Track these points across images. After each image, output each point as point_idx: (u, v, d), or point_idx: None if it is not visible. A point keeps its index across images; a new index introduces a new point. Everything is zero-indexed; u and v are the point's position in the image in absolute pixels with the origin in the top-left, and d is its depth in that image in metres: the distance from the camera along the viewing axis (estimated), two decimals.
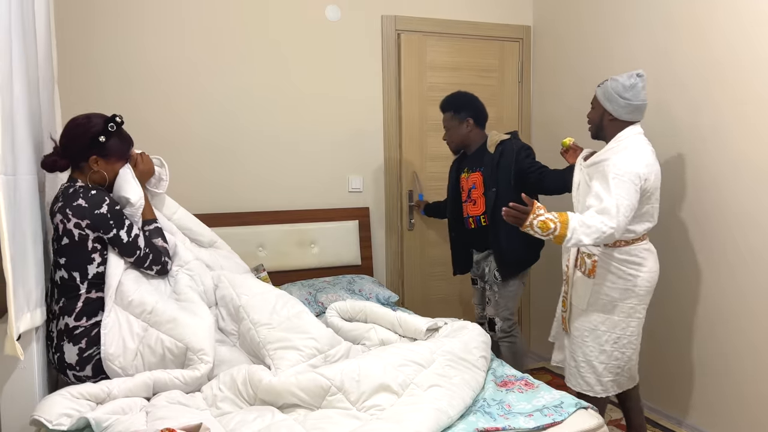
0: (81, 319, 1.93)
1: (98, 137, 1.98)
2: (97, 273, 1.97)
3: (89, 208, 1.91)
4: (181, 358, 1.92)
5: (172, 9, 3.07)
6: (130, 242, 1.99)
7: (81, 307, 1.93)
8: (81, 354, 1.90)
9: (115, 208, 1.97)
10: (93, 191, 1.96)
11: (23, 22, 1.71)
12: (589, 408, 1.78)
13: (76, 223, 1.91)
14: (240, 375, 1.82)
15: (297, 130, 3.36)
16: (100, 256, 1.98)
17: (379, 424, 1.58)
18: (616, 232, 2.14)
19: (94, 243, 1.96)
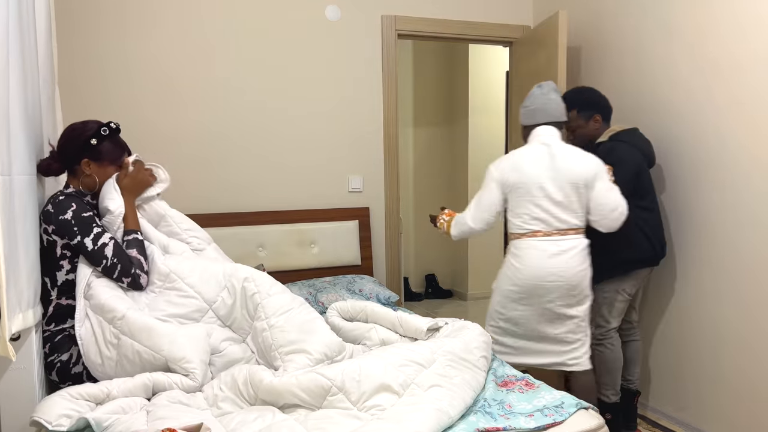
0: (50, 324, 1.95)
1: (90, 140, 2.01)
2: (66, 280, 1.96)
3: (54, 214, 1.92)
4: (163, 368, 1.88)
5: (172, 9, 3.07)
6: (96, 250, 1.94)
7: (51, 312, 1.95)
8: (45, 359, 1.91)
9: (82, 215, 1.94)
10: (62, 197, 1.95)
11: (21, 22, 1.71)
12: (590, 408, 1.78)
13: (45, 229, 1.93)
14: (241, 375, 1.82)
15: (297, 130, 3.36)
16: (69, 263, 1.97)
17: (379, 424, 1.58)
18: (470, 222, 2.54)
19: (63, 250, 1.95)
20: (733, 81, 2.53)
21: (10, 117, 1.61)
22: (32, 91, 1.84)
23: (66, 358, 1.92)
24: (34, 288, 1.80)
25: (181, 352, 1.86)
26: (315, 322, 2.08)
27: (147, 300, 2.05)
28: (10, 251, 1.60)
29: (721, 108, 2.58)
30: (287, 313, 2.04)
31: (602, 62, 3.28)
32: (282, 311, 2.04)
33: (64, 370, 1.91)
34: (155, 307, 2.02)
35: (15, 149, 1.65)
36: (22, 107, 1.70)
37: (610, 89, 3.22)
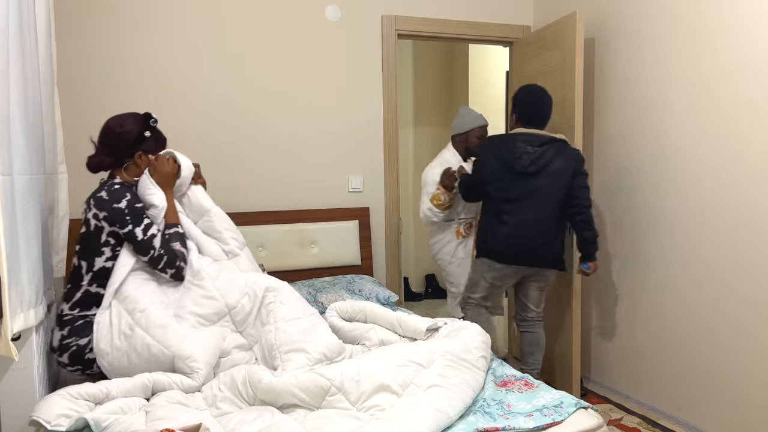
0: (75, 309, 1.99)
1: (144, 133, 2.11)
2: (103, 267, 2.01)
3: (108, 201, 1.97)
4: (168, 363, 1.90)
5: (171, 9, 3.07)
6: (145, 240, 2.01)
7: (79, 297, 1.99)
8: (62, 341, 1.96)
9: (135, 205, 2.01)
10: (117, 186, 2.02)
11: (21, 22, 1.71)
12: (589, 408, 1.78)
13: (95, 214, 1.98)
14: (240, 375, 1.82)
15: (297, 130, 3.36)
16: (111, 251, 2.02)
17: (379, 424, 1.58)
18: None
19: (108, 237, 2.00)
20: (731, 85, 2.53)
21: (10, 117, 1.61)
22: (33, 91, 1.84)
23: (84, 343, 1.95)
24: (35, 288, 1.80)
25: (189, 351, 1.89)
26: (318, 327, 2.10)
27: (176, 295, 2.09)
28: (12, 251, 1.60)
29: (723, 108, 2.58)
30: (295, 321, 2.07)
31: (603, 60, 3.28)
32: (291, 318, 2.07)
33: (79, 354, 1.95)
34: (181, 304, 2.06)
35: (16, 149, 1.65)
36: (22, 108, 1.71)
37: (609, 86, 3.22)
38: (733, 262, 2.56)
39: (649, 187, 2.99)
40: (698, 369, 2.76)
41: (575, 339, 3.17)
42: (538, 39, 3.48)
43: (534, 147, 2.74)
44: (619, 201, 3.20)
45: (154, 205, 2.10)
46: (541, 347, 3.03)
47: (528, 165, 2.73)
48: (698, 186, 2.71)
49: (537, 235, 2.77)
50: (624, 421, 2.94)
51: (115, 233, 2.00)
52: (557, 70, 3.24)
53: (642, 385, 3.11)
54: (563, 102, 3.18)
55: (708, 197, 2.66)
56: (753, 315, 2.49)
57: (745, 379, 2.54)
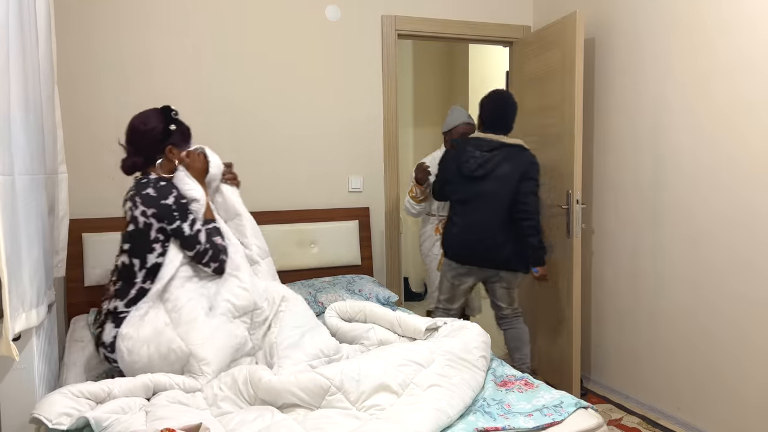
0: (130, 306, 2.00)
1: (169, 127, 2.11)
2: (155, 263, 2.03)
3: (157, 198, 1.99)
4: (183, 360, 1.93)
5: (172, 8, 3.07)
6: (192, 235, 2.04)
7: (134, 295, 2.01)
8: (117, 337, 1.96)
9: (181, 201, 2.04)
10: (162, 183, 2.04)
11: (22, 22, 1.71)
12: (589, 408, 1.78)
13: (143, 211, 1.98)
14: (241, 375, 1.82)
15: (297, 129, 3.36)
16: (161, 247, 2.03)
17: (378, 423, 1.58)
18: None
19: (157, 233, 2.02)
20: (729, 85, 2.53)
21: (11, 117, 1.61)
22: (33, 90, 1.84)
23: None
24: (37, 288, 1.80)
25: (205, 354, 1.92)
26: (317, 329, 2.13)
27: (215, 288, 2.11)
28: (13, 251, 1.60)
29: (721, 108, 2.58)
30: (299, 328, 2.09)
31: (603, 60, 3.28)
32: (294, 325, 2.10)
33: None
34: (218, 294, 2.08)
35: (17, 149, 1.65)
36: (23, 107, 1.70)
37: (609, 86, 3.22)
38: (731, 262, 2.57)
39: (649, 187, 2.99)
40: (698, 369, 2.76)
41: (575, 339, 3.18)
42: (538, 39, 3.48)
43: (482, 152, 2.83)
44: (619, 200, 3.20)
45: (195, 199, 2.12)
46: (525, 341, 3.05)
47: (474, 169, 2.82)
48: (696, 186, 2.71)
49: (484, 237, 2.84)
50: (624, 421, 2.95)
51: (163, 229, 2.02)
52: (557, 70, 3.24)
53: (642, 385, 3.11)
54: (563, 102, 3.18)
55: (707, 197, 2.66)
56: (751, 315, 2.49)
57: (744, 379, 2.54)
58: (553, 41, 3.28)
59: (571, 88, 3.10)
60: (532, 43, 3.55)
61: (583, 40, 3.08)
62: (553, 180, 3.31)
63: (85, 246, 2.87)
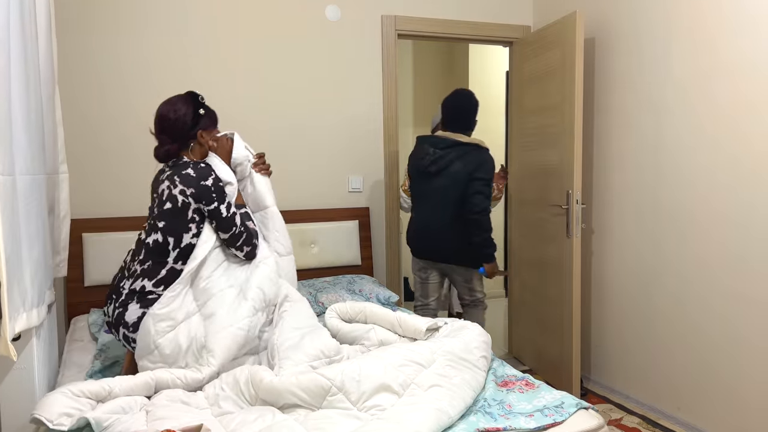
0: (159, 287, 1.99)
1: (198, 111, 2.12)
2: (189, 244, 2.03)
3: (196, 178, 2.01)
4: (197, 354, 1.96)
5: (171, 8, 3.07)
6: (228, 217, 2.05)
7: (164, 275, 2.00)
8: (142, 317, 1.94)
9: (219, 184, 2.06)
10: (202, 164, 2.05)
11: (23, 23, 1.71)
12: (590, 408, 1.78)
13: (182, 190, 1.99)
14: (243, 375, 1.82)
15: (297, 129, 3.36)
16: (197, 227, 2.04)
17: (379, 424, 1.58)
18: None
19: (194, 213, 2.03)
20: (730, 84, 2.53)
21: (12, 118, 1.61)
22: (34, 91, 1.84)
23: None
24: (38, 288, 1.80)
25: (213, 345, 1.93)
26: (318, 331, 2.13)
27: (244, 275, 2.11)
28: (13, 251, 1.60)
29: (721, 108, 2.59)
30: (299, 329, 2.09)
31: (603, 60, 3.28)
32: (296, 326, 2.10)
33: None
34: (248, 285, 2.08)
35: (17, 149, 1.65)
36: (24, 108, 1.70)
37: (609, 86, 3.22)
38: (731, 262, 2.57)
39: (649, 187, 2.99)
40: (698, 369, 2.76)
41: (575, 339, 3.18)
42: (538, 39, 3.48)
43: (437, 149, 2.94)
44: (619, 200, 3.20)
45: (230, 182, 2.15)
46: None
47: (428, 165, 2.95)
48: (696, 185, 2.71)
49: (435, 232, 2.97)
50: (624, 421, 2.95)
51: (199, 210, 2.03)
52: (557, 70, 3.24)
53: (642, 385, 3.11)
54: (563, 102, 3.18)
55: (707, 196, 2.66)
56: (749, 314, 2.49)
57: (744, 378, 2.54)
58: (553, 41, 3.29)
59: (571, 88, 3.11)
60: (532, 43, 3.55)
61: (583, 40, 3.09)
62: (552, 180, 3.32)
63: (85, 246, 2.87)
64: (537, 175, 3.51)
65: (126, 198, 3.02)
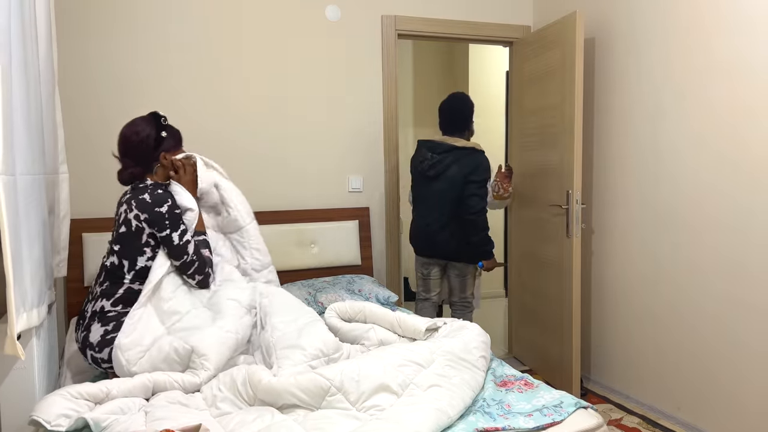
0: (117, 306, 2.03)
1: (161, 133, 2.14)
2: (145, 266, 2.06)
3: (151, 205, 2.03)
4: (186, 360, 1.94)
5: (171, 8, 3.07)
6: (180, 246, 2.06)
7: (121, 294, 2.04)
8: (104, 336, 1.98)
9: (175, 211, 2.07)
10: (160, 190, 2.08)
11: (23, 25, 1.71)
12: (589, 408, 1.78)
13: (136, 215, 2.02)
14: (240, 375, 1.82)
15: (297, 129, 3.36)
16: (152, 251, 2.07)
17: (378, 424, 1.58)
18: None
19: (148, 238, 2.05)
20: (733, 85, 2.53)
21: (13, 118, 1.61)
22: (34, 91, 1.84)
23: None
24: (38, 288, 1.80)
25: (205, 349, 1.93)
26: (315, 325, 2.12)
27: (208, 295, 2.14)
28: (15, 251, 1.60)
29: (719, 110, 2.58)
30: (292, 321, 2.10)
31: (603, 60, 3.28)
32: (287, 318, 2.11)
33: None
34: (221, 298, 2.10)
35: (18, 150, 1.65)
36: (24, 108, 1.71)
37: (608, 86, 3.22)
38: (733, 265, 2.57)
39: (649, 186, 2.99)
40: (698, 369, 2.76)
41: (575, 339, 3.18)
42: (538, 39, 3.48)
43: (435, 154, 3.07)
44: (620, 200, 3.20)
45: (190, 209, 2.16)
46: None
47: (427, 170, 3.09)
48: (696, 185, 2.71)
49: (435, 231, 3.11)
50: (624, 421, 2.95)
51: (153, 235, 2.05)
52: (557, 70, 3.24)
53: (642, 385, 3.11)
54: (563, 102, 3.18)
55: (707, 196, 2.66)
56: (748, 316, 2.49)
57: (743, 379, 2.54)
58: (553, 41, 3.28)
59: (571, 88, 3.10)
60: (532, 43, 3.55)
61: (583, 40, 3.09)
62: (552, 180, 3.32)
63: (85, 246, 2.87)
64: (537, 175, 3.51)
65: None
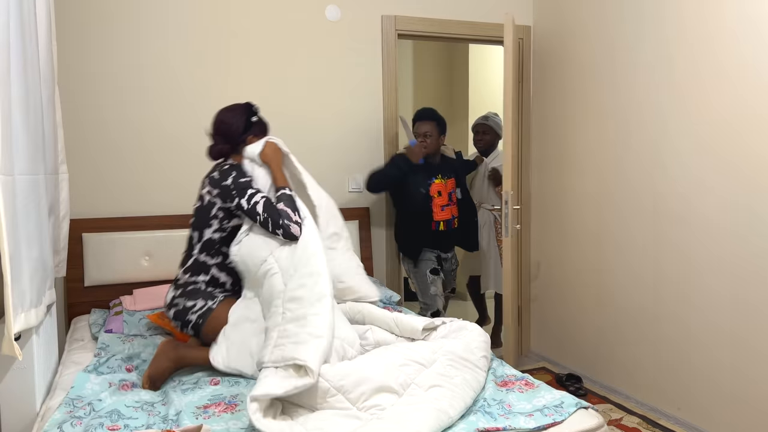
0: (186, 274, 2.26)
1: (251, 119, 2.39)
2: (210, 238, 2.25)
3: (219, 180, 2.23)
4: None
5: (171, 8, 3.07)
6: (250, 209, 2.18)
7: (190, 264, 2.26)
8: (173, 300, 2.24)
9: (239, 180, 2.23)
10: (226, 166, 2.27)
11: (23, 21, 1.71)
12: (589, 408, 1.78)
13: (209, 191, 2.25)
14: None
15: (297, 129, 3.35)
16: (219, 223, 2.26)
17: (379, 424, 1.58)
18: None
19: (217, 211, 2.24)
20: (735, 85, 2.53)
21: (12, 118, 1.61)
22: (34, 91, 1.84)
23: (189, 305, 2.19)
24: (36, 288, 1.80)
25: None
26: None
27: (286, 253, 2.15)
28: (14, 251, 1.60)
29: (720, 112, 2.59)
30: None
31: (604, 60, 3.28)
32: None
33: (182, 314, 2.20)
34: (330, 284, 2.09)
35: (17, 150, 1.65)
36: (23, 108, 1.71)
37: (610, 85, 3.22)
38: (733, 264, 2.57)
39: (649, 185, 2.99)
40: (698, 369, 2.76)
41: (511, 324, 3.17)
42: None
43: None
44: (624, 198, 3.20)
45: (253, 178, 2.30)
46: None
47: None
48: (697, 181, 2.71)
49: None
50: (624, 421, 2.95)
51: (223, 209, 2.24)
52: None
53: (642, 385, 3.11)
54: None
55: (709, 197, 2.67)
56: (748, 316, 2.49)
57: (744, 379, 2.54)
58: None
59: (507, 90, 3.15)
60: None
61: (511, 44, 3.12)
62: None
63: (85, 246, 2.87)
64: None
65: (126, 198, 3.02)
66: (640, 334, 3.09)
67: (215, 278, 2.27)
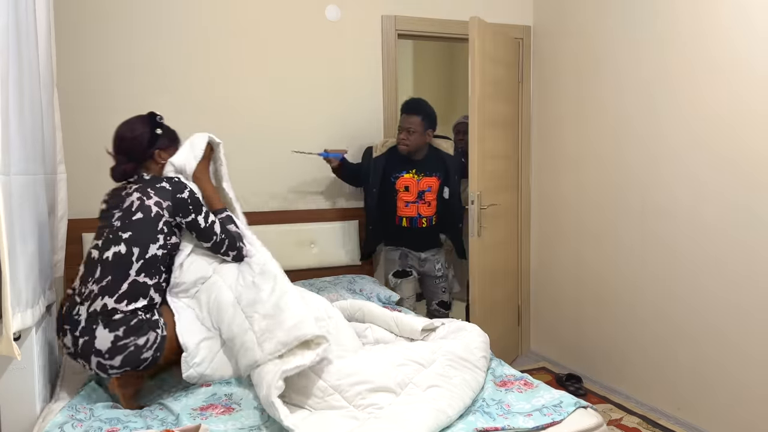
0: (121, 302, 1.87)
1: (155, 131, 2.15)
2: (155, 255, 1.98)
3: (172, 191, 2.04)
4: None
5: (171, 9, 3.07)
6: (207, 227, 2.09)
7: (126, 289, 1.89)
8: (116, 342, 1.83)
9: (195, 195, 2.09)
10: (176, 179, 2.09)
11: (19, 24, 1.71)
12: (589, 407, 1.78)
13: (157, 202, 2.00)
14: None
15: (297, 129, 3.36)
16: (164, 239, 2.01)
17: (377, 423, 1.58)
18: None
19: (164, 225, 2.02)
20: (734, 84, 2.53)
21: (9, 119, 1.61)
22: (31, 93, 1.85)
23: (142, 342, 1.86)
24: (32, 288, 1.80)
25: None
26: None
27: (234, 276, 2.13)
28: (10, 251, 1.60)
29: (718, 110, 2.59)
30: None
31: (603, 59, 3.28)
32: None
33: (135, 355, 1.86)
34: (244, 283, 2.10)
35: (13, 150, 1.66)
36: (21, 111, 1.71)
37: (609, 86, 3.22)
38: (734, 264, 2.56)
39: (649, 185, 2.99)
40: (699, 369, 2.76)
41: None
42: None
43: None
44: (624, 197, 3.20)
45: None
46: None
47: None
48: (696, 182, 2.71)
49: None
50: (624, 421, 2.95)
51: (170, 224, 2.03)
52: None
53: (642, 385, 3.11)
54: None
55: (706, 195, 2.66)
56: (748, 316, 2.49)
57: (744, 379, 2.54)
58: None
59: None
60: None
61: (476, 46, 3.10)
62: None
63: (85, 246, 2.87)
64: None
65: None
66: (640, 334, 3.09)
67: (152, 301, 1.96)
